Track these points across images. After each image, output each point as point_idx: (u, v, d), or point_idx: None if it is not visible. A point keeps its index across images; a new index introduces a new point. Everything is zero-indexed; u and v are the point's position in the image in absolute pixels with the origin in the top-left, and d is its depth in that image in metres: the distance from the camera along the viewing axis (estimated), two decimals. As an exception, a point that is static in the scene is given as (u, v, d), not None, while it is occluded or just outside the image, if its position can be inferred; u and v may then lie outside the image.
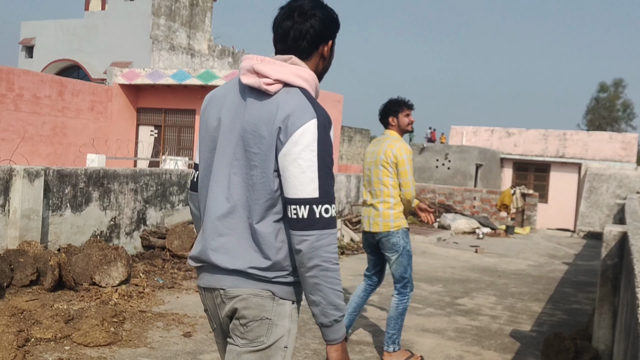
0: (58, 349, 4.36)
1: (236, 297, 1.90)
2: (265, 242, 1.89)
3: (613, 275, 4.55)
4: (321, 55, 2.00)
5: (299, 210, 1.81)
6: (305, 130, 1.82)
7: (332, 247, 1.83)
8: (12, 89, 15.73)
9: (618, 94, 54.33)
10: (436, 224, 14.70)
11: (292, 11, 1.94)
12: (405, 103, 4.67)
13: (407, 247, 4.70)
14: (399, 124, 4.66)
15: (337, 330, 1.86)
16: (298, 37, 1.93)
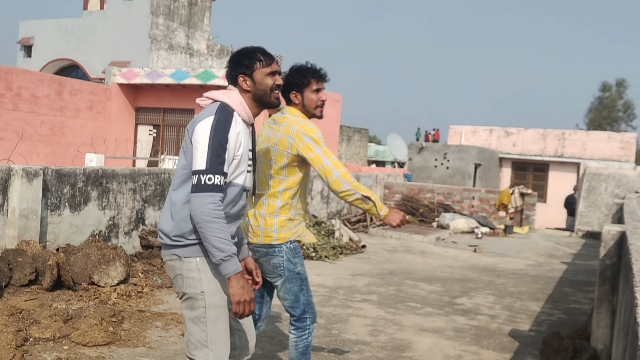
0: (57, 349, 4.36)
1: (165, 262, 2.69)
2: (175, 210, 2.57)
3: (611, 274, 4.56)
4: (241, 87, 2.69)
5: (194, 178, 2.46)
6: (204, 124, 2.52)
7: (214, 205, 2.43)
8: (11, 89, 15.71)
9: (620, 94, 54.35)
10: (435, 223, 14.71)
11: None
12: (315, 72, 3.40)
13: (295, 269, 3.41)
14: (304, 103, 3.41)
15: (225, 267, 2.45)
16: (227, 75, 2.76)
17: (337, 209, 14.03)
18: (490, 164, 23.30)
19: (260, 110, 2.75)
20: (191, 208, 2.46)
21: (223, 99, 2.64)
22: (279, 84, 2.73)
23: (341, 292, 7.06)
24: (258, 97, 2.70)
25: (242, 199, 2.73)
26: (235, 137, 2.56)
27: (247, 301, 2.48)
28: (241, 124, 2.63)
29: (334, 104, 21.71)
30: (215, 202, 2.44)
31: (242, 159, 2.62)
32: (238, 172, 2.64)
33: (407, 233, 12.72)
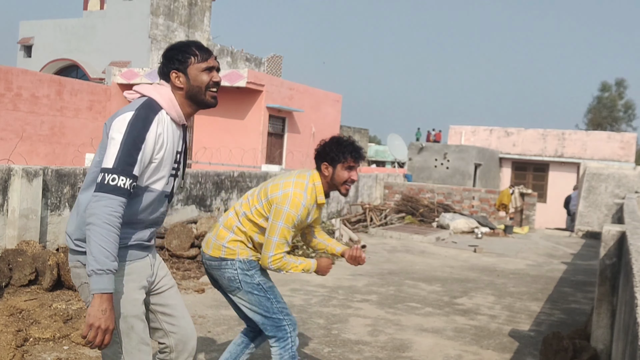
0: (57, 349, 4.36)
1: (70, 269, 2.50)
2: (79, 211, 2.37)
3: (611, 274, 4.56)
4: (173, 84, 2.46)
5: (99, 176, 2.24)
6: (121, 119, 2.30)
7: (109, 209, 2.18)
8: (11, 89, 15.71)
9: (620, 94, 54.34)
10: (435, 223, 14.71)
11: None
12: (354, 152, 3.23)
13: (254, 281, 3.21)
14: (333, 177, 3.23)
15: (95, 282, 2.16)
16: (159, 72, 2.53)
17: (337, 209, 14.04)
18: (490, 164, 23.31)
19: (194, 110, 2.52)
20: (87, 206, 2.23)
21: (151, 95, 2.41)
22: (216, 81, 2.49)
23: (341, 292, 7.06)
24: (192, 94, 2.46)
25: (163, 205, 2.52)
26: (155, 138, 2.32)
27: (101, 329, 2.15)
28: (167, 124, 2.40)
29: (334, 104, 21.71)
30: (111, 206, 2.19)
31: (162, 162, 2.38)
32: (157, 177, 2.41)
33: (407, 233, 12.72)
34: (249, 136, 17.62)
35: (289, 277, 7.68)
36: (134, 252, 2.44)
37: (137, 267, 2.45)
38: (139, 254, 2.47)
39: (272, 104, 17.87)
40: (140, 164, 2.27)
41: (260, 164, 16.20)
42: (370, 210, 14.16)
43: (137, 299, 2.41)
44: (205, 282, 6.92)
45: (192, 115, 2.53)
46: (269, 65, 28.32)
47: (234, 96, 17.66)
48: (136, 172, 2.26)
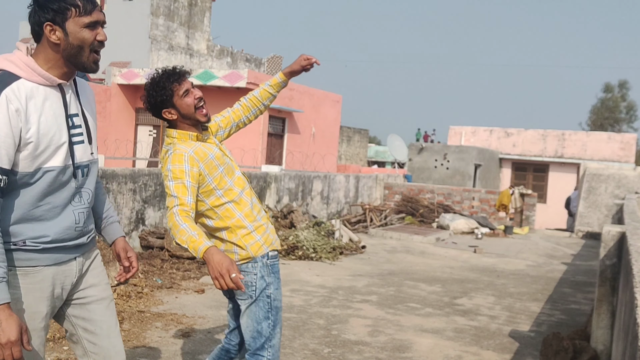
0: (57, 349, 4.36)
1: None
2: None
3: (611, 275, 4.56)
4: (47, 39, 2.02)
5: None
6: None
7: None
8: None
9: (623, 95, 54.28)
10: (435, 224, 14.71)
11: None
12: (174, 76, 2.79)
13: (266, 291, 2.86)
14: (182, 113, 2.81)
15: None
16: (30, 22, 2.06)
17: (337, 209, 14.03)
18: (490, 164, 23.31)
19: (71, 71, 2.10)
20: None
21: (2, 65, 2.00)
22: (100, 39, 2.11)
23: (341, 292, 7.06)
24: (69, 54, 2.03)
25: (72, 181, 2.11)
26: (10, 117, 1.91)
27: (1, 344, 1.86)
28: (32, 92, 1.99)
29: (334, 104, 21.71)
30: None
31: (41, 137, 1.99)
32: (47, 154, 2.01)
33: (407, 234, 12.72)
34: (248, 137, 17.62)
35: (289, 277, 7.69)
36: (37, 255, 2.07)
37: (44, 275, 2.09)
38: (50, 258, 2.10)
39: (272, 104, 17.86)
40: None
41: (260, 165, 16.21)
42: (370, 211, 14.16)
43: (36, 312, 2.09)
44: (205, 282, 6.92)
45: (70, 75, 2.11)
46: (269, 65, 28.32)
47: (234, 96, 17.66)
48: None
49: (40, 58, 2.04)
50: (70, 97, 2.13)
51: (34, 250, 2.05)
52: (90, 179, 2.20)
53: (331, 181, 13.69)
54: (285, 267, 8.43)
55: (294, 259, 9.07)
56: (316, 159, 19.87)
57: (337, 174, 14.30)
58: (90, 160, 2.19)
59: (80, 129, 2.14)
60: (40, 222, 2.06)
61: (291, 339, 5.07)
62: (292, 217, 10.89)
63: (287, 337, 5.11)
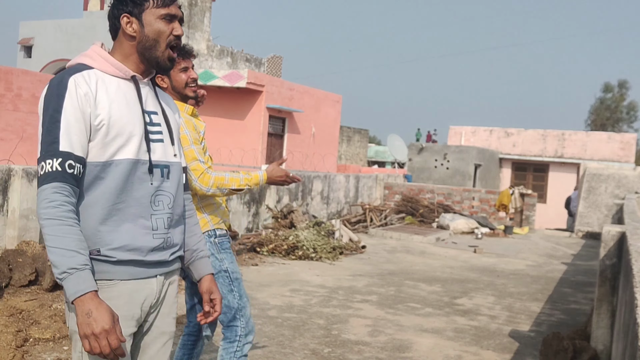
0: (57, 349, 4.36)
1: None
2: None
3: (611, 275, 4.56)
4: (124, 32, 1.97)
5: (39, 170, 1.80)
6: (40, 99, 1.86)
7: (44, 202, 1.74)
8: (11, 89, 15.72)
9: (622, 95, 54.24)
10: (435, 224, 14.71)
11: None
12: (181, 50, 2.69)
13: (222, 266, 2.97)
14: (173, 85, 2.94)
15: (66, 288, 1.72)
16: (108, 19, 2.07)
17: (337, 209, 14.03)
18: (490, 164, 23.31)
19: (147, 69, 1.98)
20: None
21: (78, 60, 1.95)
22: (177, 34, 1.97)
23: (341, 292, 7.06)
24: (144, 48, 1.94)
25: (144, 179, 1.92)
26: (79, 100, 1.80)
27: (95, 334, 1.68)
28: (102, 80, 1.88)
29: (334, 104, 21.71)
30: (47, 197, 1.74)
31: (112, 123, 1.85)
32: (118, 143, 1.86)
33: (407, 233, 12.72)
34: (249, 136, 17.62)
35: (289, 277, 7.69)
36: (111, 267, 1.86)
37: (120, 291, 1.87)
38: (126, 272, 1.88)
39: (272, 104, 17.87)
40: (68, 136, 1.77)
41: (261, 165, 16.21)
42: (370, 211, 14.16)
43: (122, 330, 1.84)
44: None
45: (146, 74, 2.00)
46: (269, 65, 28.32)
47: (234, 96, 17.67)
48: (65, 148, 1.76)
49: (117, 53, 1.98)
50: (146, 93, 2.00)
51: (108, 261, 1.85)
52: (171, 183, 1.99)
53: (331, 181, 13.70)
54: (285, 267, 8.44)
55: (294, 259, 9.07)
56: (316, 159, 19.87)
57: (337, 174, 14.30)
58: (172, 162, 2.00)
59: (159, 127, 1.99)
60: (114, 225, 1.86)
61: (291, 338, 5.07)
62: (292, 217, 10.89)
63: (287, 337, 5.11)
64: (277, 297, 6.53)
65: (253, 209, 10.64)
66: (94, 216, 1.83)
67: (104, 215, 1.85)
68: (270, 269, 8.22)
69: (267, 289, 6.91)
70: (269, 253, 9.17)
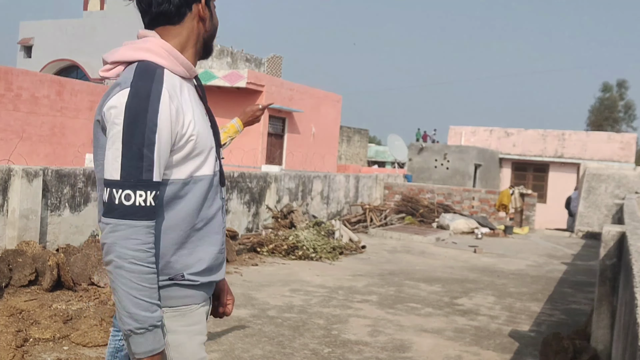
0: (57, 349, 4.36)
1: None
2: None
3: (611, 275, 4.56)
4: (198, 17, 1.69)
5: (105, 193, 1.52)
6: (114, 102, 1.54)
7: (133, 242, 1.48)
8: (11, 89, 15.72)
9: (621, 94, 54.29)
10: (435, 224, 14.71)
11: None
12: None
13: None
14: None
15: (137, 344, 1.52)
16: (162, 1, 1.67)
17: (337, 209, 14.03)
18: (490, 164, 23.30)
19: (196, 61, 1.76)
20: (101, 239, 1.54)
21: (139, 56, 1.62)
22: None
23: (341, 292, 7.06)
24: (209, 37, 1.75)
25: (218, 194, 1.75)
26: (172, 117, 1.56)
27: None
28: (179, 87, 1.64)
29: (334, 104, 21.71)
30: (135, 236, 1.50)
31: (198, 141, 1.64)
32: (201, 159, 1.67)
33: (407, 233, 12.72)
34: (249, 136, 17.62)
35: (289, 277, 7.69)
36: (192, 292, 1.69)
37: (200, 315, 1.73)
38: (202, 295, 1.73)
39: (272, 104, 17.86)
40: (159, 163, 1.54)
41: (261, 165, 16.21)
42: (370, 211, 14.16)
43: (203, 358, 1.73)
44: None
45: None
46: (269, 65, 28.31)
47: (234, 96, 17.66)
48: (158, 178, 1.54)
49: (174, 44, 1.69)
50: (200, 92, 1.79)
51: (191, 286, 1.68)
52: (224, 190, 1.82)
53: (331, 181, 13.70)
54: (285, 267, 8.44)
55: (294, 259, 9.07)
56: (316, 159, 19.87)
57: (337, 174, 14.30)
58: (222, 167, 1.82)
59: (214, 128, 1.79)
60: (193, 246, 1.68)
61: (291, 338, 5.07)
62: (292, 217, 10.89)
63: (287, 337, 5.11)
64: (277, 297, 6.53)
65: (253, 209, 10.64)
66: (175, 239, 1.64)
67: (185, 237, 1.65)
68: (270, 269, 8.21)
69: (267, 289, 6.90)
70: (269, 253, 9.17)
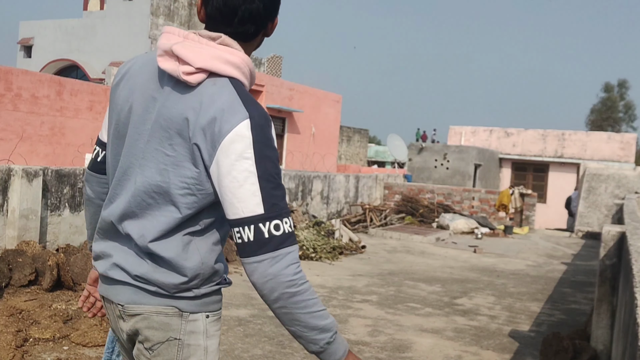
0: (57, 349, 4.36)
1: (137, 316, 1.60)
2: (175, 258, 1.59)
3: (611, 275, 4.56)
4: (264, 34, 1.66)
5: (243, 233, 1.46)
6: (236, 136, 1.46)
7: (293, 267, 1.48)
8: (11, 89, 15.72)
9: (622, 94, 54.23)
10: (435, 224, 14.71)
11: None
12: None
13: None
14: None
15: (334, 352, 1.58)
16: (247, 19, 1.57)
17: (337, 209, 14.03)
18: (490, 164, 23.30)
19: None
20: (258, 281, 1.47)
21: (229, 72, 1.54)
22: None
23: (341, 292, 7.06)
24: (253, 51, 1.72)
25: None
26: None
27: None
28: None
29: (334, 104, 21.71)
30: (294, 260, 1.50)
31: None
32: None
33: (407, 233, 12.72)
34: (249, 136, 17.62)
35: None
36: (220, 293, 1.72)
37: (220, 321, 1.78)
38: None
39: (272, 104, 17.87)
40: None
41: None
42: (370, 211, 14.16)
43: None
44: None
45: None
46: (269, 65, 28.32)
47: (234, 96, 17.65)
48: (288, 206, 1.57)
49: None
50: None
51: (221, 289, 1.70)
52: None
53: (331, 181, 13.70)
54: (285, 267, 8.43)
55: (294, 259, 9.06)
56: (316, 159, 19.88)
57: (337, 174, 14.30)
58: None
59: None
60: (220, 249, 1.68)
61: (291, 339, 5.07)
62: (291, 217, 10.88)
63: (287, 337, 5.11)
64: (277, 297, 6.52)
65: (253, 209, 10.62)
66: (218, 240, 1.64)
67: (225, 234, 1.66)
68: (270, 269, 8.21)
69: (267, 289, 6.90)
70: (269, 253, 9.16)
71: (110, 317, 1.71)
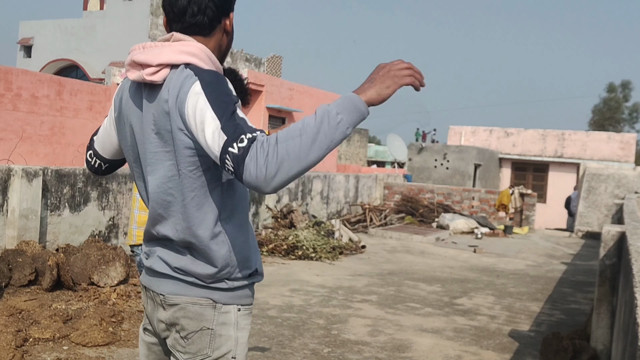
0: (56, 349, 4.36)
1: (176, 306, 1.74)
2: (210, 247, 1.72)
3: (611, 275, 4.56)
4: (224, 30, 1.75)
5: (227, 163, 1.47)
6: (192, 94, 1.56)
7: (266, 151, 1.46)
8: (11, 89, 15.71)
9: (625, 96, 53.94)
10: (435, 223, 14.71)
11: None
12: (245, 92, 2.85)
13: None
14: None
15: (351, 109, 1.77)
16: (197, 12, 1.68)
17: (337, 209, 14.03)
18: (490, 164, 23.30)
19: None
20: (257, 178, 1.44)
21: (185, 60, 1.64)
22: None
23: (341, 292, 7.06)
24: (228, 47, 1.81)
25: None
26: None
27: (408, 67, 1.73)
28: None
29: (334, 104, 21.69)
30: (263, 146, 1.47)
31: None
32: None
33: (407, 233, 12.72)
34: (248, 136, 17.62)
35: (289, 277, 7.69)
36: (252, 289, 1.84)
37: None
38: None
39: (272, 104, 17.86)
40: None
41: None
42: (370, 211, 14.15)
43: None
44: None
45: None
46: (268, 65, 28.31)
47: (233, 96, 17.64)
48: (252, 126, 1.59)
49: None
50: None
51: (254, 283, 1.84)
52: None
53: (331, 181, 13.70)
54: (285, 267, 8.44)
55: (293, 259, 9.07)
56: (316, 159, 19.84)
57: (337, 174, 14.30)
58: None
59: None
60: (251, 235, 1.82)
61: (291, 338, 5.07)
62: (291, 217, 10.89)
63: (287, 337, 5.11)
64: (277, 297, 6.53)
65: (253, 209, 10.63)
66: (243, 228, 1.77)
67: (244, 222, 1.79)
68: (270, 268, 8.21)
69: (266, 289, 6.90)
70: (269, 253, 9.17)
71: (148, 307, 1.84)
